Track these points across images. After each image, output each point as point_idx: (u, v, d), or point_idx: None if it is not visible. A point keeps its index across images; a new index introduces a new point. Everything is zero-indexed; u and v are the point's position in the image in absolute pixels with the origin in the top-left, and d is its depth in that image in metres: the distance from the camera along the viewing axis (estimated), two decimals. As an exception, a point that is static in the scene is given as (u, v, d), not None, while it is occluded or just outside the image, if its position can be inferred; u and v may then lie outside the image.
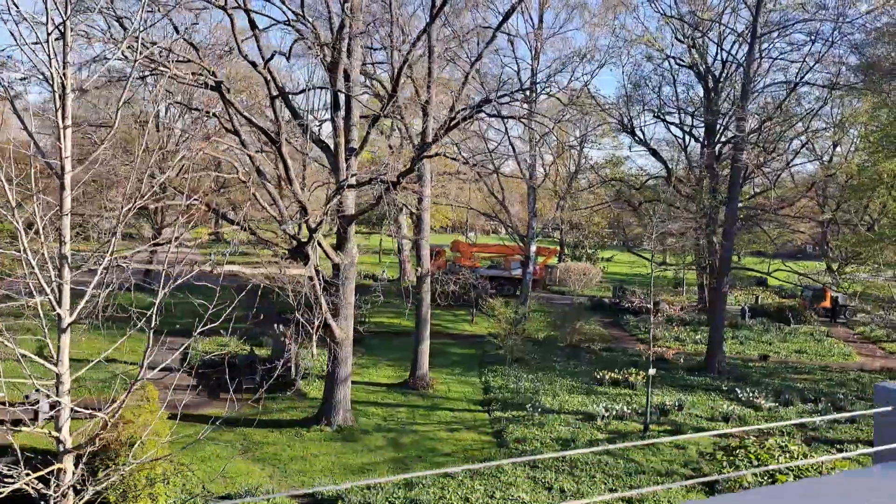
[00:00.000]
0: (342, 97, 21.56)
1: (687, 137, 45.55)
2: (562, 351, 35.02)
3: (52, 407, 23.02)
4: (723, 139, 40.32)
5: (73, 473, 11.01)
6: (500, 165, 38.43)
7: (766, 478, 18.58)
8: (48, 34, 9.16)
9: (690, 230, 39.41)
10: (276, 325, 30.14)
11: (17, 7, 9.43)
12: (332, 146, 22.11)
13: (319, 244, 22.20)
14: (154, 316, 10.70)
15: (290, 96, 22.27)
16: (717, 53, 39.37)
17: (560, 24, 35.60)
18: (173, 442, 21.21)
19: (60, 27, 9.33)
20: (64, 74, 9.49)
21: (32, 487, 10.07)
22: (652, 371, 23.59)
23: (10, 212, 9.68)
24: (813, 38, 33.65)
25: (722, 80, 39.64)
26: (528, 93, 36.15)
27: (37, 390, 22.38)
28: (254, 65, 19.36)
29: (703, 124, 41.37)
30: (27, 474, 9.86)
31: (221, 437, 22.31)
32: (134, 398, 18.47)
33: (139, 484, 14.33)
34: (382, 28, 23.26)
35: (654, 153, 44.27)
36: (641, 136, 43.93)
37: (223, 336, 29.58)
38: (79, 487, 11.43)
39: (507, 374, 30.14)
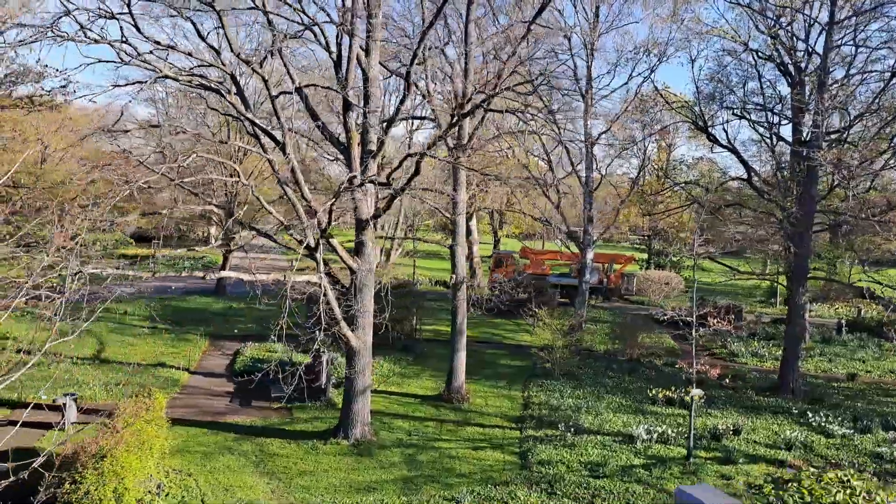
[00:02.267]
0: (353, 96, 20.67)
1: (774, 137, 41.91)
2: (619, 365, 32.69)
3: (79, 410, 23.38)
4: (807, 138, 36.65)
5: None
6: (555, 165, 36.51)
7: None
8: None
9: (775, 235, 36.04)
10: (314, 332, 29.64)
11: None
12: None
13: (334, 248, 21.39)
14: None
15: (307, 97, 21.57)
16: (793, 44, 35.85)
17: (615, 17, 33.32)
18: (180, 451, 21.05)
19: None
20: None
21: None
22: (697, 391, 21.23)
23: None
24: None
25: (808, 73, 36.09)
26: (582, 89, 34.22)
27: (65, 394, 22.73)
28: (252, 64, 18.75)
29: (788, 122, 37.77)
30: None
31: (240, 446, 21.86)
32: (137, 406, 18.18)
33: (105, 497, 13.79)
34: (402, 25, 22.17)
35: (736, 153, 40.92)
36: (724, 136, 40.85)
37: (273, 342, 29.42)
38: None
39: (552, 389, 28.29)
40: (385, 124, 21.21)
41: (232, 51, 17.98)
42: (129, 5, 18.53)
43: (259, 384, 25.41)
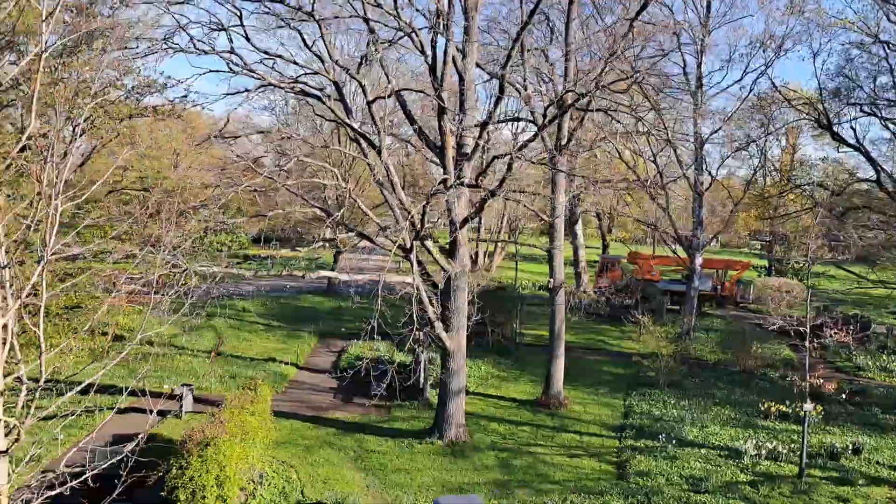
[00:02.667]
0: (447, 98, 20.86)
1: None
2: (730, 377, 31.09)
3: (195, 400, 24.88)
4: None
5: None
6: (664, 166, 35.17)
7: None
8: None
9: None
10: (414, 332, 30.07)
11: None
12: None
13: (428, 251, 21.66)
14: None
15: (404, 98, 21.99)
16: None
17: (727, 10, 31.73)
18: (284, 443, 21.92)
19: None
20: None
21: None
22: (809, 406, 19.87)
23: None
24: None
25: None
26: (692, 87, 32.92)
27: (182, 385, 24.26)
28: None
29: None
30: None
31: (340, 441, 22.54)
32: (242, 399, 19.08)
33: (208, 483, 14.60)
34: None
35: (863, 152, 38.09)
36: (853, 134, 38.02)
37: (378, 341, 30.13)
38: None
39: (655, 399, 27.31)
40: (480, 127, 21.25)
41: (330, 57, 18.61)
42: (240, 17, 19.61)
43: (360, 382, 26.21)
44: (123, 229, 20.73)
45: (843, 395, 22.72)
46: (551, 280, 27.04)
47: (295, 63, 21.48)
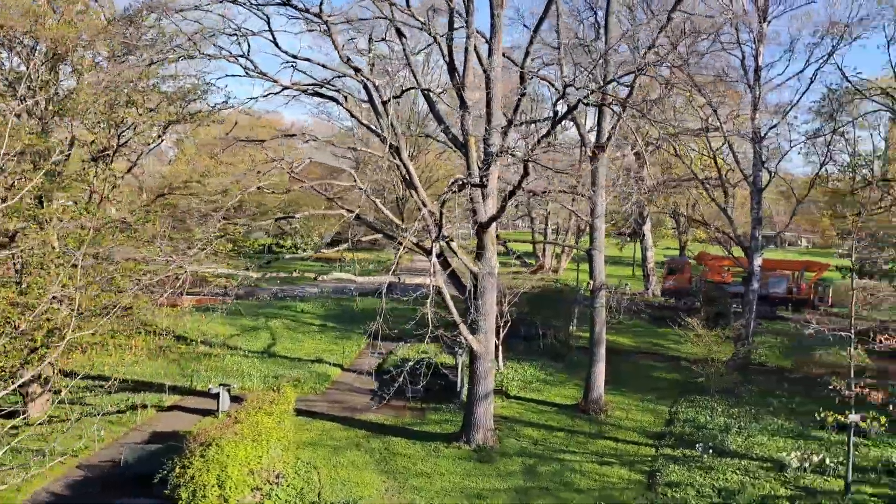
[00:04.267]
0: (468, 96, 20.51)
1: None
2: (791, 384, 29.25)
3: (233, 399, 25.47)
4: None
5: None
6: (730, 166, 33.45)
7: None
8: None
9: None
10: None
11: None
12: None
13: (454, 252, 21.38)
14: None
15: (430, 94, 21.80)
16: None
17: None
18: (312, 444, 22.10)
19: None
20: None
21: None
22: (854, 416, 18.37)
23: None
24: None
25: None
26: (749, 80, 31.24)
27: (220, 384, 24.86)
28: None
29: None
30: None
31: (368, 443, 22.54)
32: (261, 399, 19.33)
33: (209, 483, 14.82)
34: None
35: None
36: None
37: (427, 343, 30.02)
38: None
39: (703, 406, 26.00)
40: (506, 126, 20.80)
41: (340, 57, 18.65)
42: (268, 23, 19.95)
43: (399, 384, 26.18)
44: (168, 233, 21.52)
45: (891, 407, 20.91)
46: (591, 282, 26.19)
47: (322, 66, 21.65)
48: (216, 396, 24.53)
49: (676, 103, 34.90)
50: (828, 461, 19.90)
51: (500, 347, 30.47)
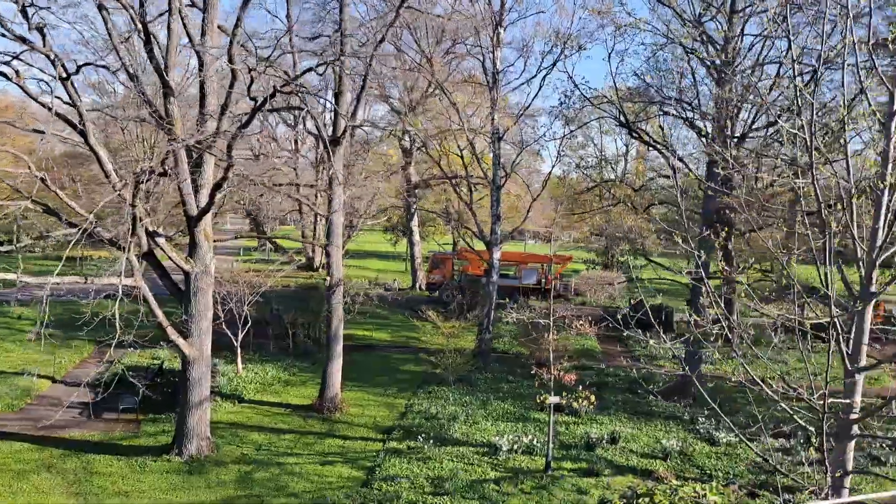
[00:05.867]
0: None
1: (698, 134, 40.35)
2: (523, 369, 30.90)
3: None
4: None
5: None
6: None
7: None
8: None
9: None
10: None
11: None
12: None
13: (160, 247, 19.55)
14: None
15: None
16: (710, 37, 34.23)
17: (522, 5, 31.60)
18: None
19: None
20: None
21: None
22: (554, 398, 19.56)
23: None
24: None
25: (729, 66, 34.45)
26: (489, 83, 32.56)
27: None
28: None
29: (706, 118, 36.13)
30: None
31: (63, 464, 19.91)
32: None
33: None
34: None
35: (656, 149, 39.33)
36: (660, 132, 39.18)
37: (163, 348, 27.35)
38: None
39: (439, 396, 26.51)
40: (220, 110, 19.36)
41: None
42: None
43: (114, 394, 23.62)
44: None
45: (580, 388, 22.91)
46: (328, 278, 25.55)
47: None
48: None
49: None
50: (535, 442, 20.98)
51: (240, 350, 28.91)
